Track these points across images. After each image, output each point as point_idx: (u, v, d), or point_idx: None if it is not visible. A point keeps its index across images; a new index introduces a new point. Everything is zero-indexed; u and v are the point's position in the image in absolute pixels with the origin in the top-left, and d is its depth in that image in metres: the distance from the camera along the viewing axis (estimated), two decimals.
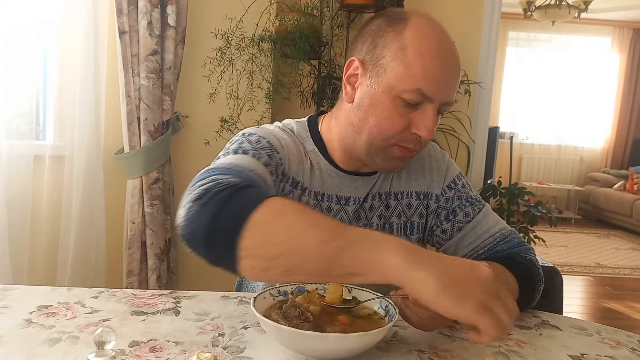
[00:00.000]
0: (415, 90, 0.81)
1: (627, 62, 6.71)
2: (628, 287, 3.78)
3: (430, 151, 1.03)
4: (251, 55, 2.19)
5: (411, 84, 0.81)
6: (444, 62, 0.82)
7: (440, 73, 0.81)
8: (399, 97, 0.82)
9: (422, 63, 0.80)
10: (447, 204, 0.99)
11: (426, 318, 0.71)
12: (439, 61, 0.81)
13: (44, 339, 0.69)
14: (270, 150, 0.86)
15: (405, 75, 0.81)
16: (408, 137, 0.85)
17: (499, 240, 0.96)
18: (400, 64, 0.81)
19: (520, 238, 0.98)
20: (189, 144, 2.25)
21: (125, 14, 1.99)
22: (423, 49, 0.81)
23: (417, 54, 0.80)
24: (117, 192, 2.15)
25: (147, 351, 0.67)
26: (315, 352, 0.66)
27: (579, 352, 0.76)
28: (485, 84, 2.53)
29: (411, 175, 1.00)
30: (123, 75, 2.03)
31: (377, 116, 0.85)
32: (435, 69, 0.81)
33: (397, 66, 0.82)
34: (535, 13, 4.46)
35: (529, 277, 0.91)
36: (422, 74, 0.80)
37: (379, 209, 0.97)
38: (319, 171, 0.94)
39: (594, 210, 6.42)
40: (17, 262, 1.92)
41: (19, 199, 1.93)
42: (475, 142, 2.59)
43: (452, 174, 1.02)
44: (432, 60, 0.81)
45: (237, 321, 0.79)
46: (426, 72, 0.80)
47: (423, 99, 0.82)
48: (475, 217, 0.98)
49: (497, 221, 0.99)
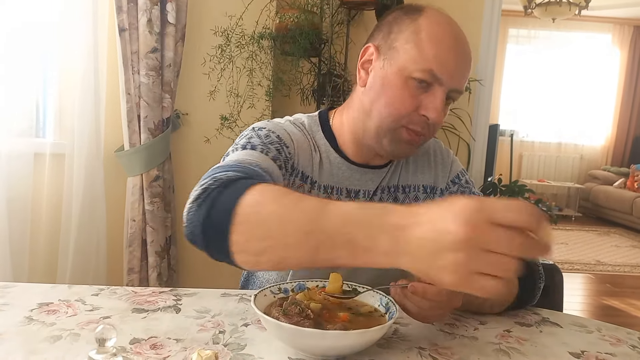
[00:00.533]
0: (427, 70, 0.83)
1: (628, 59, 6.70)
2: (628, 285, 3.78)
3: (435, 147, 1.05)
4: (251, 53, 2.19)
5: (424, 65, 0.83)
6: (457, 50, 0.85)
7: (453, 59, 0.84)
8: (411, 78, 0.84)
9: (435, 47, 0.83)
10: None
11: (426, 309, 0.71)
12: (452, 48, 0.84)
13: (44, 336, 0.69)
14: (279, 145, 0.88)
15: (418, 57, 0.83)
16: (417, 119, 0.86)
17: None
18: (415, 46, 0.84)
19: None
20: (189, 142, 2.25)
21: (125, 11, 1.99)
22: (437, 34, 0.84)
23: (431, 38, 0.84)
24: (117, 190, 2.15)
25: (148, 348, 0.67)
26: (316, 349, 0.66)
27: (580, 349, 0.76)
28: (485, 82, 2.53)
29: (418, 169, 1.02)
30: (123, 73, 2.03)
31: (387, 96, 0.87)
32: (448, 54, 0.84)
33: (411, 48, 0.84)
34: (535, 10, 4.45)
35: (529, 274, 0.91)
36: (434, 56, 0.83)
37: (387, 202, 0.98)
38: (328, 164, 0.96)
39: (594, 208, 6.42)
40: (17, 260, 1.92)
41: (19, 196, 1.93)
42: (475, 139, 2.59)
43: (456, 170, 1.04)
44: (445, 46, 0.84)
45: (238, 318, 0.79)
46: (438, 55, 0.83)
47: (433, 80, 0.84)
48: None
49: None
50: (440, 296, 0.70)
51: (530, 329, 0.83)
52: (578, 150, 6.90)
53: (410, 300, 0.72)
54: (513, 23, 6.39)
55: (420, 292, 0.70)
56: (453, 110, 2.44)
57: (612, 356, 0.74)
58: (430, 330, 0.78)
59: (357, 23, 2.35)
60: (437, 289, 0.69)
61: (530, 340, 0.78)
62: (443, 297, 0.70)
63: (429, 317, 0.74)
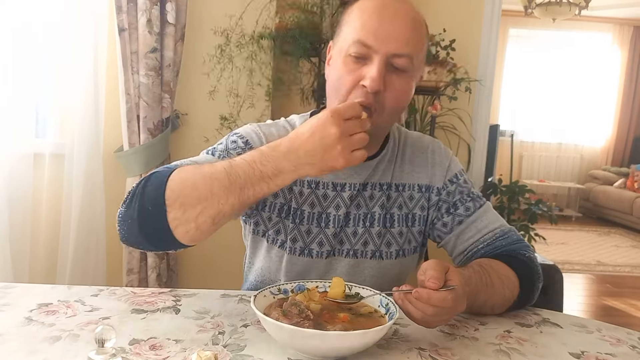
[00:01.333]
0: (356, 41, 0.85)
1: (628, 59, 6.70)
2: (628, 285, 3.78)
3: (434, 146, 1.04)
4: (251, 53, 2.19)
5: (353, 37, 0.85)
6: (385, 14, 0.85)
7: (380, 24, 0.85)
8: (348, 55, 0.86)
9: (362, 17, 0.86)
10: (449, 197, 1.00)
11: (429, 314, 0.71)
12: (379, 13, 0.85)
13: (44, 336, 0.69)
14: (243, 150, 0.91)
15: (349, 33, 0.87)
16: (359, 91, 0.86)
17: (498, 236, 0.96)
18: (347, 25, 0.88)
19: (519, 236, 0.99)
20: (188, 142, 2.25)
21: (125, 11, 1.99)
22: (364, 7, 0.87)
23: (359, 12, 0.87)
24: (117, 190, 2.15)
25: (148, 349, 0.67)
26: (316, 350, 0.66)
27: (579, 349, 0.76)
28: (485, 82, 2.53)
29: (414, 168, 1.01)
30: (122, 73, 2.03)
31: (332, 80, 0.91)
32: (374, 21, 0.85)
33: (344, 31, 0.89)
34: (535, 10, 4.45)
35: (528, 274, 0.91)
36: (361, 26, 0.85)
37: (380, 199, 0.97)
38: None
39: (595, 208, 6.41)
40: (17, 260, 1.92)
41: (19, 197, 1.93)
42: (475, 140, 2.59)
43: (454, 169, 1.03)
44: (372, 14, 0.85)
45: (237, 319, 0.79)
46: (364, 24, 0.85)
47: (366, 49, 0.85)
48: (475, 212, 0.98)
49: (498, 218, 1.00)
50: (445, 302, 0.69)
51: (530, 330, 0.83)
52: (578, 150, 6.90)
53: (415, 306, 0.71)
54: (513, 23, 6.38)
55: (424, 298, 0.69)
56: (453, 110, 2.45)
57: (612, 356, 0.74)
58: (430, 331, 0.78)
59: None
60: (442, 295, 0.69)
61: (531, 341, 0.78)
62: (448, 303, 0.70)
63: (432, 322, 0.73)
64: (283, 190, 0.94)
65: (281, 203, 0.95)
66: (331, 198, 0.95)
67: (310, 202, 0.95)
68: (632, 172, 6.11)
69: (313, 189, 0.95)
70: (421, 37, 0.89)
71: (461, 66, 2.32)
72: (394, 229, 0.98)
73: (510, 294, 0.88)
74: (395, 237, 0.98)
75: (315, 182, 0.96)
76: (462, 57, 2.33)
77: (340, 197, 0.96)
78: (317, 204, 0.95)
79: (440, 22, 2.35)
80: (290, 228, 0.95)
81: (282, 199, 0.95)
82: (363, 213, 0.97)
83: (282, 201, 0.95)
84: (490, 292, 0.85)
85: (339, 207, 0.95)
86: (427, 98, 2.38)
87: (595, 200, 6.36)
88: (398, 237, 0.98)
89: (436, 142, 1.06)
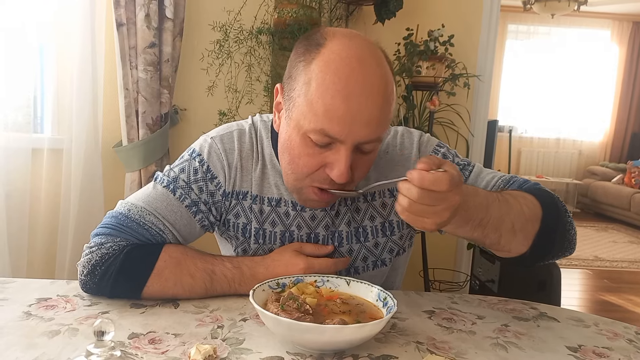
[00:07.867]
0: (319, 130, 0.73)
1: (627, 55, 6.70)
2: (626, 280, 3.79)
3: (397, 141, 0.94)
4: (249, 48, 2.19)
5: (315, 124, 0.72)
6: (352, 98, 0.71)
7: (347, 111, 0.71)
8: (307, 136, 0.75)
9: (324, 100, 0.71)
10: None
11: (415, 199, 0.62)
12: (345, 97, 0.71)
13: (43, 331, 0.70)
14: (203, 182, 0.88)
15: (309, 114, 0.73)
16: (323, 176, 0.77)
17: (502, 186, 0.89)
18: (304, 100, 0.73)
19: (525, 179, 0.91)
20: (187, 137, 2.25)
21: (123, 6, 1.98)
22: (327, 83, 0.71)
23: (320, 89, 0.72)
24: (115, 186, 2.15)
25: (147, 343, 0.68)
26: (314, 344, 0.66)
27: (577, 343, 0.76)
28: (484, 77, 2.52)
29: (381, 173, 0.91)
30: (121, 68, 2.02)
31: (289, 154, 0.79)
32: (340, 107, 0.71)
33: (302, 103, 0.74)
34: (534, 6, 4.45)
35: (548, 199, 0.82)
36: (324, 112, 0.71)
37: (346, 215, 0.91)
38: (273, 175, 0.91)
39: (593, 204, 6.43)
40: (15, 255, 1.92)
41: (18, 192, 1.93)
42: (474, 135, 2.58)
43: (426, 152, 0.93)
44: (336, 97, 0.71)
45: (236, 313, 0.79)
46: (328, 110, 0.71)
47: (330, 140, 0.73)
48: (468, 179, 0.92)
49: (494, 173, 0.93)
50: (439, 184, 0.60)
51: (527, 324, 0.83)
52: (576, 146, 6.91)
53: (401, 193, 0.63)
54: (512, 19, 6.38)
55: (416, 179, 0.61)
56: (452, 106, 2.44)
57: (609, 350, 0.75)
58: (428, 324, 0.79)
59: (356, 18, 2.34)
60: (435, 177, 0.60)
61: (528, 335, 0.78)
62: (443, 186, 0.60)
63: (426, 212, 0.62)
64: (244, 209, 0.90)
65: (243, 223, 0.91)
66: (292, 217, 0.90)
67: (271, 221, 0.90)
68: (630, 168, 6.12)
69: (274, 207, 0.90)
70: (392, 106, 0.76)
71: (460, 62, 2.32)
72: (368, 242, 0.93)
73: (530, 212, 0.77)
74: (370, 249, 0.93)
75: (276, 200, 0.90)
76: (461, 52, 2.33)
77: (300, 217, 0.90)
78: (279, 222, 0.91)
79: (439, 18, 2.34)
80: (254, 248, 0.92)
81: (244, 219, 0.91)
82: (330, 232, 0.91)
83: (244, 221, 0.91)
84: (504, 208, 0.75)
85: (300, 227, 0.91)
86: (425, 94, 2.37)
87: (593, 196, 6.38)
88: (374, 249, 0.93)
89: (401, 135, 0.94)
